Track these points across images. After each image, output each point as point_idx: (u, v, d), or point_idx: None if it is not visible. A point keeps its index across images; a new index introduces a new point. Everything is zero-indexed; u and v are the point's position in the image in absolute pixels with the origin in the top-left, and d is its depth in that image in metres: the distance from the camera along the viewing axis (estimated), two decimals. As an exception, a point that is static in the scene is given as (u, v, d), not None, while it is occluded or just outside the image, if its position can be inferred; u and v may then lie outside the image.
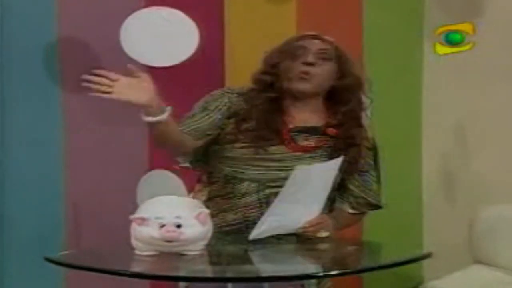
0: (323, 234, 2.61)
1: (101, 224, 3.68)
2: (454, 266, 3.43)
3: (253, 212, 2.65)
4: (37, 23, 3.72)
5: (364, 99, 2.74)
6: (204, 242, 2.37)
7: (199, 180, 2.84)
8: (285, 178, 2.55)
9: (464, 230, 3.59)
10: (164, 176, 3.64)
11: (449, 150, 3.91)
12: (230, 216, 2.67)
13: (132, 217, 2.35)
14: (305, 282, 2.31)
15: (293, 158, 2.65)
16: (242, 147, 2.67)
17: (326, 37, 2.75)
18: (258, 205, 2.65)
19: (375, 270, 2.40)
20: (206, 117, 2.72)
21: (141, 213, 2.36)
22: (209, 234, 2.39)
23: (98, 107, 3.74)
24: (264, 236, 2.55)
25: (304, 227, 2.58)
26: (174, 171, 3.60)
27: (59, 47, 3.75)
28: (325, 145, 2.68)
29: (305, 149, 2.66)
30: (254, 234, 2.55)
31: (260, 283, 2.24)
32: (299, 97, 2.70)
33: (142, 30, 3.52)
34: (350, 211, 2.77)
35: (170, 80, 3.70)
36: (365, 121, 2.75)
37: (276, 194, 2.59)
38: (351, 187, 2.74)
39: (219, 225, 2.61)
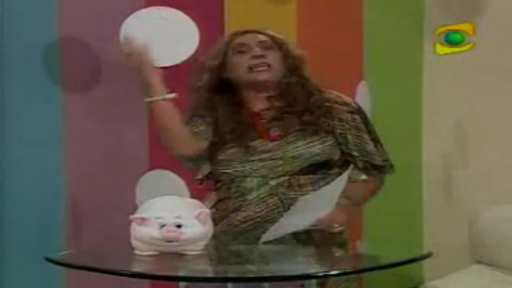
0: (337, 229, 2.62)
1: (101, 224, 3.68)
2: (454, 266, 3.43)
3: (263, 206, 2.66)
4: (37, 23, 3.71)
5: (306, 74, 2.77)
6: (205, 242, 2.37)
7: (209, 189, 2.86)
8: (283, 165, 2.64)
9: (464, 230, 3.59)
10: (164, 176, 3.64)
11: (449, 150, 3.91)
12: (241, 214, 2.68)
13: (132, 217, 2.35)
14: (305, 282, 2.30)
15: (280, 145, 2.68)
16: (230, 148, 2.72)
17: (256, 29, 2.80)
18: (267, 199, 2.66)
19: (375, 270, 2.40)
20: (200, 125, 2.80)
21: (141, 213, 2.36)
22: (210, 234, 2.39)
23: (98, 107, 3.75)
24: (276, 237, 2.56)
25: (315, 225, 2.59)
26: (174, 170, 3.60)
27: (59, 47, 3.74)
28: (295, 125, 2.71)
29: (283, 135, 2.70)
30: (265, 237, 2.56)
31: (260, 283, 2.24)
32: (258, 88, 2.75)
33: (142, 29, 3.51)
34: (363, 177, 2.77)
35: (171, 80, 3.71)
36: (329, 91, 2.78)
37: (282, 184, 2.64)
38: (353, 153, 2.74)
39: (231, 224, 2.66)
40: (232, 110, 2.76)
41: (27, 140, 3.73)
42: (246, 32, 2.81)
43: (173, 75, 3.63)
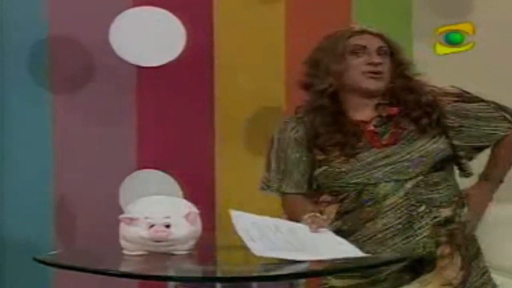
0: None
1: (90, 223, 3.68)
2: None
3: (402, 211, 2.59)
4: (27, 24, 3.71)
5: (409, 75, 2.70)
6: (193, 241, 2.37)
7: (316, 202, 2.72)
8: (412, 166, 2.57)
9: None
10: (153, 176, 3.64)
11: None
12: (380, 222, 2.59)
13: (121, 216, 2.34)
14: (293, 281, 2.30)
15: (399, 148, 2.61)
16: (345, 160, 2.61)
17: (375, 31, 2.71)
18: (405, 202, 2.59)
19: (360, 270, 2.41)
20: (291, 167, 2.70)
21: (130, 213, 2.35)
22: (198, 234, 2.39)
23: (87, 106, 3.75)
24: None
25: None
26: (165, 170, 3.61)
27: (49, 47, 3.74)
28: (405, 127, 2.64)
29: (391, 143, 2.62)
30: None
31: (248, 283, 2.24)
32: (365, 95, 2.66)
33: (131, 29, 3.53)
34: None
35: (160, 80, 3.72)
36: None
37: (418, 185, 2.57)
38: (461, 153, 2.67)
39: (367, 235, 2.58)
40: (333, 120, 2.64)
41: (16, 141, 3.72)
42: (363, 31, 2.69)
43: (162, 75, 3.66)
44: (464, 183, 2.75)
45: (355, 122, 2.66)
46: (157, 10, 3.54)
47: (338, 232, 2.54)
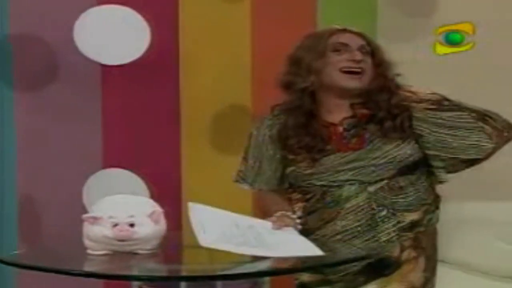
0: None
1: (55, 223, 3.66)
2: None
3: (363, 214, 2.59)
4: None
5: (390, 76, 2.68)
6: (157, 241, 2.37)
7: (289, 199, 2.74)
8: (377, 171, 2.56)
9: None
10: (119, 175, 3.63)
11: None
12: (339, 223, 2.60)
13: (84, 216, 2.34)
14: (258, 280, 2.31)
15: (365, 152, 2.60)
16: (311, 162, 2.62)
17: (356, 30, 2.70)
18: (367, 205, 2.60)
19: (322, 268, 2.42)
20: (264, 164, 2.73)
21: (94, 212, 2.35)
22: (162, 233, 2.38)
23: (51, 104, 3.73)
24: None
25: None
26: (132, 170, 3.59)
27: (12, 46, 3.72)
28: (374, 130, 2.64)
29: (358, 147, 2.62)
30: None
31: (213, 281, 2.24)
32: (342, 94, 2.65)
33: (95, 27, 3.52)
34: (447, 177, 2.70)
35: (125, 78, 3.71)
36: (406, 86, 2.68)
37: (381, 188, 2.57)
38: (436, 153, 2.64)
39: (326, 235, 2.59)
40: (304, 122, 2.64)
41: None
42: (345, 30, 2.68)
43: (127, 73, 3.65)
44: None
45: (325, 124, 2.66)
46: (121, 9, 3.52)
47: (303, 231, 2.55)
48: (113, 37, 3.50)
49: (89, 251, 2.34)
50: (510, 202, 3.50)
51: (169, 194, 3.59)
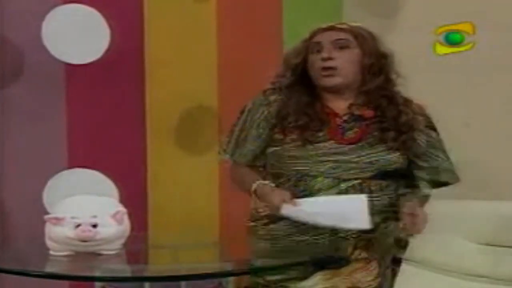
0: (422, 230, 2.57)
1: (17, 224, 3.63)
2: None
3: None
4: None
5: (393, 76, 2.68)
6: (121, 241, 2.36)
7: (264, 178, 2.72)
8: (356, 169, 2.57)
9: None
10: (84, 175, 3.60)
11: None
12: None
13: (46, 217, 2.32)
14: (223, 280, 2.31)
15: (355, 149, 2.60)
16: (294, 143, 2.62)
17: (341, 25, 2.68)
18: None
19: (283, 268, 2.43)
20: (249, 139, 2.71)
21: (56, 212, 2.33)
22: (126, 234, 2.37)
23: (15, 103, 3.70)
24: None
25: (404, 223, 2.53)
26: (100, 170, 3.57)
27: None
28: (375, 131, 2.64)
29: (352, 141, 2.62)
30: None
31: (177, 282, 2.24)
32: (332, 90, 2.66)
33: (61, 26, 3.51)
34: (429, 192, 2.71)
35: (90, 77, 3.69)
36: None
37: (353, 187, 2.57)
38: (419, 173, 2.68)
39: (290, 224, 2.57)
40: (307, 101, 2.65)
41: None
42: (328, 28, 2.67)
43: (93, 72, 3.63)
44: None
45: (328, 111, 2.65)
46: (84, 8, 3.52)
47: (269, 217, 2.59)
48: (76, 36, 3.49)
49: (51, 252, 2.32)
50: (477, 200, 3.52)
51: (134, 194, 3.57)
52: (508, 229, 3.29)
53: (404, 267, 3.08)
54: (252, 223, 2.70)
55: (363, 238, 2.59)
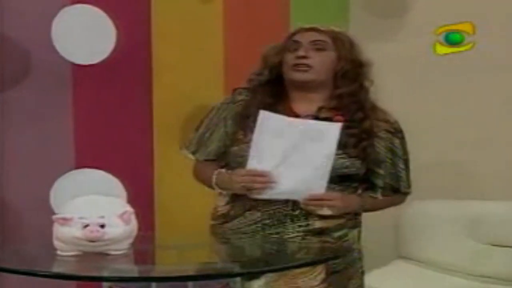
0: (325, 212, 2.58)
1: (25, 224, 3.64)
2: (379, 262, 3.47)
3: (279, 208, 2.61)
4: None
5: (366, 84, 2.71)
6: (129, 241, 2.36)
7: None
8: None
9: (389, 225, 3.64)
10: (91, 175, 3.61)
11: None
12: (256, 214, 2.62)
13: (54, 217, 2.32)
14: (230, 280, 2.31)
15: None
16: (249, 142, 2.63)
17: (322, 28, 2.72)
18: (284, 202, 2.60)
19: (295, 268, 2.42)
20: (214, 137, 2.74)
21: (64, 213, 2.33)
22: (134, 234, 2.38)
23: (22, 104, 3.71)
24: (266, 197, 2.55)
25: (305, 201, 2.55)
26: (107, 170, 3.58)
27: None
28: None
29: None
30: None
31: (185, 282, 2.23)
32: (302, 88, 2.68)
33: (69, 27, 3.52)
34: (380, 197, 2.72)
35: (97, 78, 3.70)
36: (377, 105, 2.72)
37: None
38: (380, 171, 2.69)
39: (244, 223, 2.62)
40: (270, 103, 2.68)
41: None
42: (309, 29, 2.71)
43: (100, 72, 3.64)
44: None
45: (290, 114, 2.67)
46: (90, 8, 3.53)
47: (225, 216, 2.64)
48: (84, 37, 3.51)
49: (59, 252, 2.32)
50: (480, 200, 3.53)
51: (141, 194, 3.58)
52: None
53: (409, 266, 3.10)
54: (212, 222, 2.74)
55: (314, 242, 2.59)
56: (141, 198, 3.50)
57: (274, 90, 2.71)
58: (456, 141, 3.87)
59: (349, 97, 2.68)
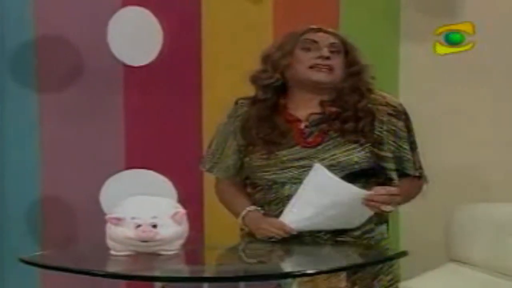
0: (388, 208, 2.56)
1: (79, 224, 3.67)
2: (430, 265, 3.44)
3: None
4: (14, 24, 3.70)
5: (364, 78, 2.70)
6: (181, 241, 2.37)
7: (248, 195, 2.75)
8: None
9: (439, 228, 3.61)
10: (141, 175, 3.63)
11: (424, 148, 3.92)
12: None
13: (107, 217, 2.34)
14: (281, 281, 2.30)
15: (317, 152, 2.62)
16: (261, 153, 2.65)
17: (331, 30, 2.73)
18: None
19: (350, 269, 2.41)
20: (227, 152, 2.75)
21: (117, 213, 2.35)
22: (185, 234, 2.38)
23: (74, 104, 3.75)
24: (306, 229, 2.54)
25: (369, 197, 2.52)
26: (157, 170, 3.60)
27: (35, 47, 3.74)
28: (335, 128, 2.65)
29: (315, 144, 2.63)
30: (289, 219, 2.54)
31: (236, 282, 2.23)
32: (315, 89, 2.67)
33: (123, 29, 3.57)
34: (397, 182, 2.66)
35: (147, 79, 3.73)
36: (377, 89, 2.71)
37: None
38: (386, 165, 2.65)
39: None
40: (267, 115, 2.68)
41: (4, 140, 3.72)
42: (319, 30, 2.71)
43: (153, 73, 3.67)
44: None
45: (290, 119, 2.67)
46: (139, 10, 3.57)
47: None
48: (134, 38, 3.54)
49: (112, 252, 2.34)
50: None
51: (191, 195, 3.59)
52: None
53: (461, 269, 3.07)
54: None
55: (346, 241, 2.59)
56: (191, 198, 3.51)
57: (274, 98, 2.69)
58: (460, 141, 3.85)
59: (349, 89, 2.66)
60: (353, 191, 2.53)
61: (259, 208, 2.67)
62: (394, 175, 2.66)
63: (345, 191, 2.53)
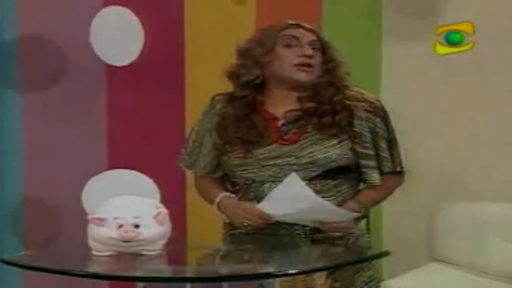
0: (335, 234, 2.59)
1: (60, 224, 3.66)
2: (413, 264, 3.45)
3: None
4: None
5: (339, 74, 2.70)
6: (163, 241, 2.37)
7: (226, 189, 2.77)
8: (299, 171, 2.56)
9: (422, 227, 3.61)
10: (124, 175, 3.63)
11: (408, 147, 3.93)
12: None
13: (89, 217, 2.33)
14: (264, 281, 2.30)
15: (294, 149, 2.62)
16: (239, 152, 2.66)
17: (308, 26, 2.72)
18: None
19: (332, 269, 2.41)
20: (204, 150, 2.75)
21: (99, 213, 2.34)
22: (168, 234, 2.38)
23: (57, 104, 3.74)
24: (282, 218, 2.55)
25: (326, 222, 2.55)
26: (141, 170, 3.60)
27: (17, 47, 3.73)
28: (313, 123, 2.65)
29: (293, 141, 2.64)
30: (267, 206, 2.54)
31: (218, 283, 2.23)
32: (297, 88, 2.67)
33: (105, 29, 3.56)
34: (377, 181, 2.68)
35: (129, 79, 3.72)
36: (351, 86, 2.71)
37: None
38: (363, 162, 2.66)
39: (248, 231, 2.62)
40: (244, 114, 2.67)
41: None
42: (298, 26, 2.70)
43: (135, 73, 3.66)
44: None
45: (267, 117, 2.67)
46: (117, 9, 3.57)
47: (229, 224, 2.66)
48: (116, 38, 3.54)
49: (94, 252, 2.33)
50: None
51: (173, 195, 3.59)
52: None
53: (443, 268, 3.07)
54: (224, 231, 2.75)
55: (323, 236, 2.59)
56: (173, 198, 3.51)
57: (251, 96, 2.68)
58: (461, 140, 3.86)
59: (325, 84, 2.67)
60: (326, 207, 2.53)
61: (233, 195, 2.67)
62: (374, 173, 2.67)
63: (317, 205, 2.52)
